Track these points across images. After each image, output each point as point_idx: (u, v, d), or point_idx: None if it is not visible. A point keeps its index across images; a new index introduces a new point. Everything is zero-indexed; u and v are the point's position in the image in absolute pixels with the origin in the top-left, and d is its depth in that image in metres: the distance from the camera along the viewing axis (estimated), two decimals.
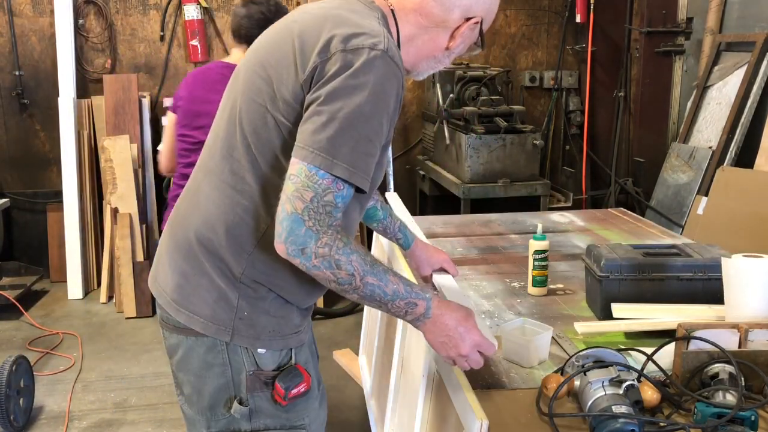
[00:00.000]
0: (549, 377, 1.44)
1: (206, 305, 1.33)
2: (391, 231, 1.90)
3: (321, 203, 1.18)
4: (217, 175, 1.33)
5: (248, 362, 1.35)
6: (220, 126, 1.37)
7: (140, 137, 4.70)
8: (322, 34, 1.23)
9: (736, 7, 3.96)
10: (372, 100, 1.19)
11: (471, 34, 1.40)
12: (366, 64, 1.19)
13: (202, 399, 1.40)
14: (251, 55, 1.36)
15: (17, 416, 2.92)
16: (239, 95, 1.32)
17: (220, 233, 1.31)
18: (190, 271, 1.34)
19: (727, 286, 1.61)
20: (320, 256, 1.18)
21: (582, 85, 5.25)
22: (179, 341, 1.39)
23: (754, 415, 1.28)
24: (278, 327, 1.36)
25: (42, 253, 4.87)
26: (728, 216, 3.46)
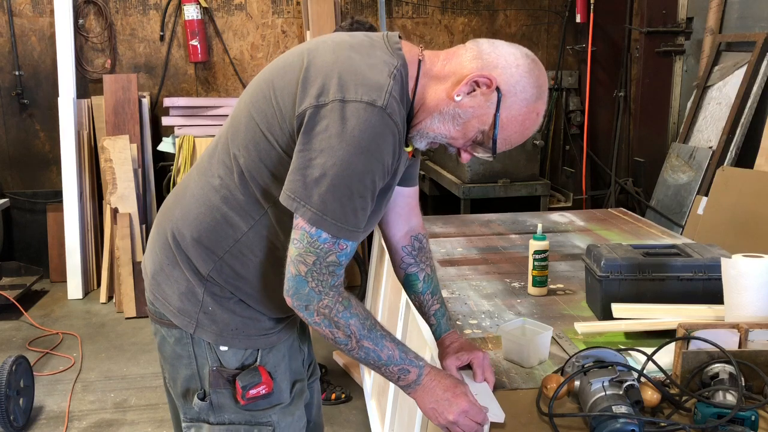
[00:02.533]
0: (549, 377, 1.43)
1: (175, 295, 1.38)
2: (427, 311, 1.61)
3: (324, 265, 1.22)
4: (207, 177, 1.35)
5: (211, 358, 1.39)
6: (223, 130, 1.39)
7: (140, 137, 4.69)
8: (327, 76, 1.21)
9: (736, 7, 3.96)
10: (364, 157, 1.18)
11: (484, 103, 1.25)
12: (360, 119, 1.17)
13: (176, 387, 1.45)
14: (266, 69, 1.36)
15: (17, 416, 2.92)
16: (244, 107, 1.33)
17: (194, 232, 1.34)
18: (165, 261, 1.39)
19: (727, 286, 1.61)
20: (321, 315, 1.24)
21: (582, 85, 5.25)
22: (156, 330, 1.45)
23: (754, 415, 1.28)
24: (243, 326, 1.38)
25: (42, 253, 4.87)
26: (728, 216, 3.46)
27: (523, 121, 1.28)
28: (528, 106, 1.27)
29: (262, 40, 5.01)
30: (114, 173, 4.52)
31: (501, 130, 1.27)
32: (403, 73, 1.27)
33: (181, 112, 4.62)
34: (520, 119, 1.27)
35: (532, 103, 1.27)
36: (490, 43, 1.31)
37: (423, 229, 1.63)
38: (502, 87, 1.25)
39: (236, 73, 4.99)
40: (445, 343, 1.57)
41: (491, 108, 1.25)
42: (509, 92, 1.25)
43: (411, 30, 5.15)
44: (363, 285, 4.08)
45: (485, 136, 1.28)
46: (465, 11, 5.19)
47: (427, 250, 1.63)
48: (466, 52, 1.30)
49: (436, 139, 1.32)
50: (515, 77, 1.26)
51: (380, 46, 1.29)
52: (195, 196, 1.36)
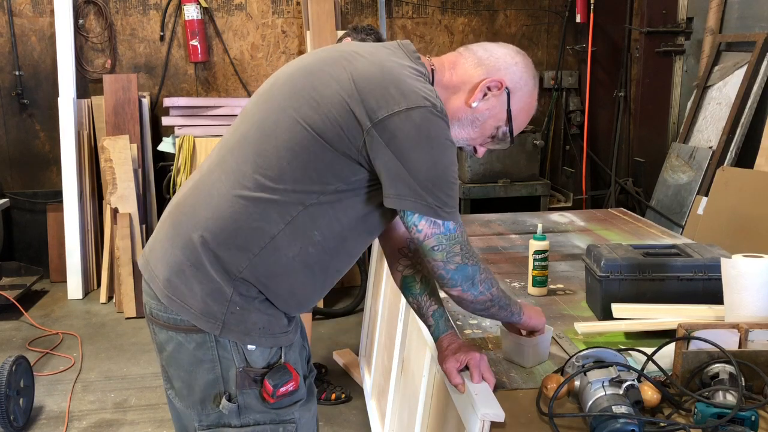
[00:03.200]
0: (549, 377, 1.44)
1: (198, 297, 1.35)
2: (425, 312, 1.62)
3: (466, 244, 1.37)
4: (237, 179, 1.34)
5: (238, 358, 1.37)
6: (249, 129, 1.37)
7: (140, 137, 4.70)
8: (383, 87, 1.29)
9: (736, 7, 3.96)
10: (448, 151, 1.32)
11: (497, 102, 1.42)
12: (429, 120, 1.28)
13: (192, 393, 1.42)
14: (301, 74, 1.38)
15: (17, 416, 2.92)
16: (280, 110, 1.34)
17: (228, 233, 1.33)
18: (186, 262, 1.35)
19: (727, 286, 1.61)
20: (483, 281, 1.40)
21: (582, 85, 5.25)
22: (169, 337, 1.40)
23: (754, 415, 1.28)
24: (269, 324, 1.38)
25: (42, 253, 4.87)
26: (728, 216, 3.46)
27: (529, 109, 1.47)
28: (530, 95, 1.46)
29: (262, 40, 5.01)
30: (114, 173, 4.52)
31: (514, 121, 1.44)
32: (429, 80, 1.40)
33: (181, 112, 4.62)
34: (527, 108, 1.46)
35: (532, 91, 1.46)
36: (482, 48, 1.46)
37: None
38: (509, 85, 1.41)
39: (236, 73, 4.99)
40: (443, 344, 1.56)
41: (503, 105, 1.42)
42: (516, 88, 1.42)
43: (411, 30, 5.15)
44: (363, 285, 4.08)
45: (500, 131, 1.45)
46: (465, 11, 5.19)
47: None
48: (467, 61, 1.44)
49: (457, 144, 1.44)
50: (517, 74, 1.42)
51: (402, 55, 1.40)
52: (224, 197, 1.34)
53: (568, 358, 1.49)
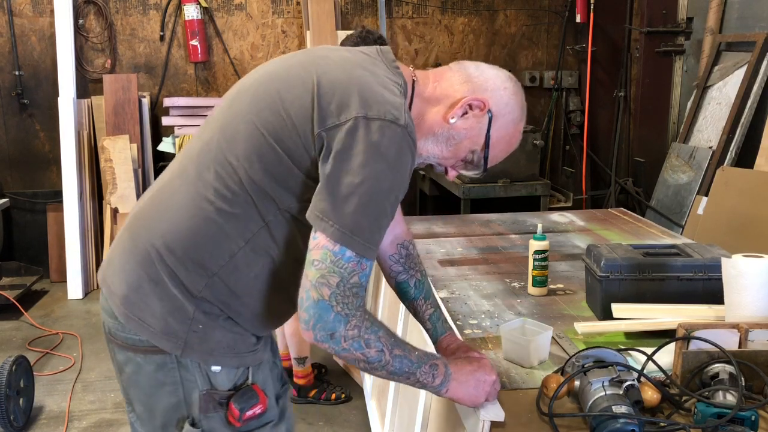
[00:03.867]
0: (549, 377, 1.43)
1: (158, 315, 1.26)
2: (422, 316, 1.60)
3: (347, 286, 1.17)
4: (197, 189, 1.26)
5: (201, 381, 1.29)
6: (212, 137, 1.29)
7: (140, 137, 4.70)
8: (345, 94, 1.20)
9: (736, 7, 3.96)
10: (391, 175, 1.18)
11: (476, 124, 1.31)
12: (387, 137, 1.17)
13: (153, 418, 1.34)
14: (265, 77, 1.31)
15: (17, 416, 2.92)
16: (241, 116, 1.27)
17: (186, 247, 1.25)
18: (144, 277, 1.27)
19: (727, 286, 1.61)
20: (350, 339, 1.18)
21: (582, 85, 5.25)
22: (127, 358, 1.32)
23: (754, 415, 1.28)
24: (234, 343, 1.30)
25: (42, 253, 4.87)
26: (728, 216, 3.46)
27: (510, 140, 1.36)
28: (515, 125, 1.35)
29: (262, 40, 5.01)
30: (114, 173, 4.52)
31: (491, 149, 1.33)
32: (405, 90, 1.29)
33: (181, 112, 4.62)
34: (507, 138, 1.35)
35: (518, 122, 1.35)
36: (475, 66, 1.36)
37: (408, 235, 1.62)
38: (492, 109, 1.31)
39: (236, 73, 4.99)
40: (442, 345, 1.55)
41: (483, 129, 1.31)
42: (499, 113, 1.32)
43: (411, 30, 5.15)
44: None
45: (475, 155, 1.34)
46: (465, 11, 5.19)
47: (414, 256, 1.62)
48: (455, 75, 1.34)
49: (428, 160, 1.36)
50: (504, 99, 1.32)
51: (380, 63, 1.30)
52: (184, 208, 1.26)
53: (568, 358, 1.49)
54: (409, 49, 5.17)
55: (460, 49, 5.23)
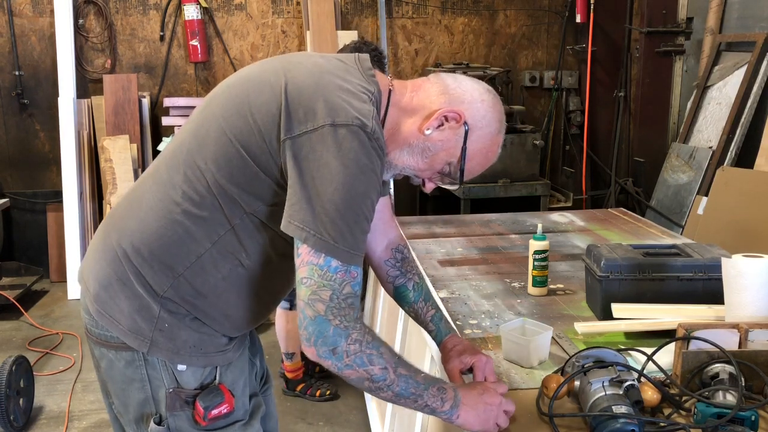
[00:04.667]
0: (549, 377, 1.43)
1: (125, 312, 1.29)
2: (423, 318, 1.59)
3: (341, 298, 1.16)
4: (166, 189, 1.28)
5: (167, 379, 1.31)
6: (185, 139, 1.30)
7: (140, 137, 4.70)
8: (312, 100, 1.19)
9: (736, 7, 3.96)
10: (364, 178, 1.17)
11: (452, 136, 1.29)
12: (354, 142, 1.16)
13: (128, 412, 1.37)
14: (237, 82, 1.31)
15: (17, 416, 2.92)
16: (212, 119, 1.27)
17: (152, 247, 1.27)
18: (113, 275, 1.30)
19: (727, 286, 1.61)
20: (352, 354, 1.17)
21: (582, 85, 5.25)
22: (101, 354, 1.35)
23: (754, 415, 1.28)
24: (200, 343, 1.31)
25: (42, 253, 4.87)
26: (728, 216, 3.46)
27: (487, 153, 1.34)
28: (491, 139, 1.33)
29: (262, 40, 5.01)
30: (114, 173, 4.52)
31: (467, 162, 1.31)
32: (378, 100, 1.28)
33: (181, 112, 4.62)
34: (484, 151, 1.33)
35: (495, 135, 1.33)
36: (453, 78, 1.35)
37: (402, 240, 1.62)
38: (469, 121, 1.29)
39: None
40: (447, 346, 1.54)
41: (459, 141, 1.30)
42: (475, 126, 1.30)
43: (411, 30, 5.15)
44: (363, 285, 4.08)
45: (452, 168, 1.33)
46: (465, 11, 5.19)
47: (410, 260, 1.61)
48: (432, 86, 1.33)
49: (403, 171, 1.34)
50: (481, 112, 1.31)
51: (354, 71, 1.29)
52: (153, 209, 1.28)
53: (568, 358, 1.49)
54: (409, 49, 5.17)
55: (460, 49, 5.23)
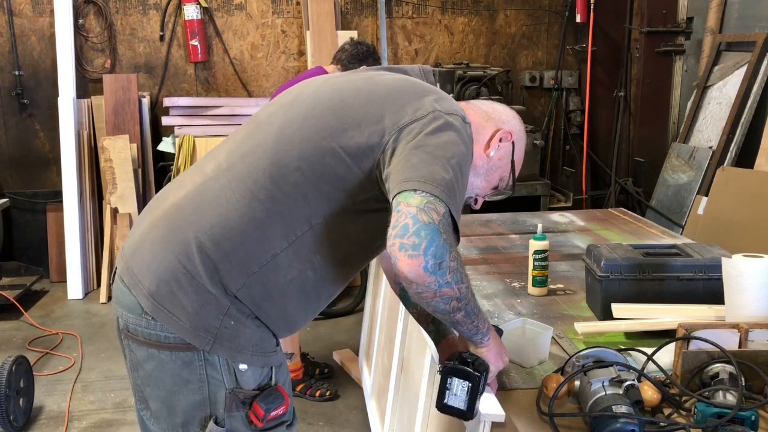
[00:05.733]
0: (549, 377, 1.44)
1: (189, 309, 1.26)
2: (424, 319, 1.63)
3: (449, 220, 1.18)
4: (249, 186, 1.29)
5: (228, 379, 1.30)
6: (266, 138, 1.34)
7: (140, 137, 4.70)
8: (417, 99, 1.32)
9: (736, 7, 3.96)
10: (467, 156, 1.29)
11: (505, 153, 1.47)
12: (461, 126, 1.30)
13: (174, 415, 1.34)
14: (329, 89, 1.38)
15: (17, 416, 2.91)
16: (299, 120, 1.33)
17: (233, 243, 1.27)
18: (181, 269, 1.27)
19: (727, 286, 1.61)
20: (452, 271, 1.17)
21: (582, 85, 5.25)
22: (149, 355, 1.31)
23: (754, 415, 1.28)
24: (261, 342, 1.32)
25: (42, 253, 4.87)
26: (728, 216, 3.45)
27: (522, 160, 1.53)
28: (526, 145, 1.55)
29: (262, 40, 5.01)
30: (114, 173, 4.52)
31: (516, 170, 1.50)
32: None
33: (181, 111, 4.62)
34: (522, 159, 1.53)
35: (525, 141, 1.55)
36: (482, 103, 1.53)
37: None
38: (514, 137, 1.49)
39: (236, 73, 4.99)
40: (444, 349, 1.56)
41: (509, 156, 1.49)
42: (517, 139, 1.50)
43: (411, 30, 5.15)
44: (363, 285, 4.08)
45: (503, 181, 1.50)
46: (465, 11, 5.19)
47: None
48: (475, 113, 1.47)
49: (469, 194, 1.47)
50: (518, 126, 1.51)
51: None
52: (234, 205, 1.28)
53: (568, 358, 1.49)
54: (409, 49, 5.17)
55: (460, 48, 5.23)
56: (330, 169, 1.27)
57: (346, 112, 1.30)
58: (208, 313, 1.27)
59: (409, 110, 1.29)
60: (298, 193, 1.27)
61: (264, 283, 1.28)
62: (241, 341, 1.29)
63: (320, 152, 1.28)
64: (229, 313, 1.27)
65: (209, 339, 1.27)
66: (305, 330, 3.86)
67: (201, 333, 1.27)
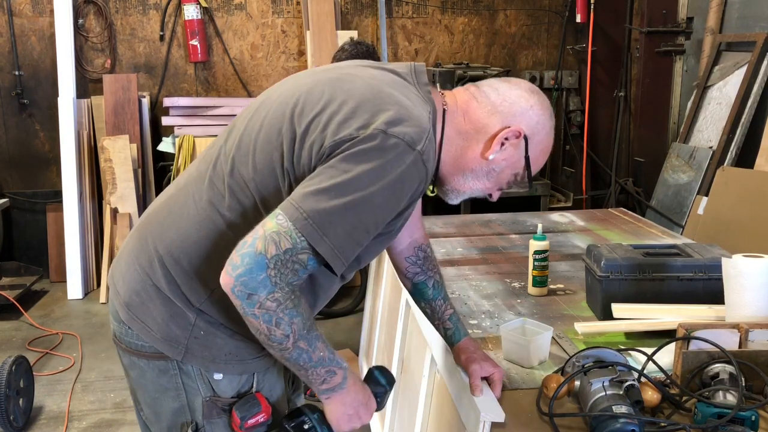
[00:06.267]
0: (549, 377, 1.43)
1: (159, 319, 1.26)
2: (440, 317, 1.58)
3: (293, 259, 1.11)
4: (209, 198, 1.25)
5: (204, 388, 1.30)
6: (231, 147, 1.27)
7: (140, 137, 4.70)
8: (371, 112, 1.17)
9: (736, 7, 3.96)
10: (388, 194, 1.15)
11: (514, 151, 1.29)
12: (397, 158, 1.14)
13: (160, 420, 1.35)
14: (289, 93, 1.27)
15: (17, 416, 2.91)
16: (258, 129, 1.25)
17: (192, 260, 1.24)
18: (148, 281, 1.27)
19: (727, 286, 1.61)
20: (264, 309, 1.11)
21: (582, 85, 5.25)
22: (132, 362, 1.33)
23: (754, 415, 1.28)
24: (237, 350, 1.28)
25: (42, 253, 4.87)
26: (728, 216, 3.45)
27: (546, 149, 1.35)
28: (549, 135, 1.34)
29: (262, 40, 5.01)
30: (114, 173, 4.52)
31: (532, 165, 1.32)
32: (434, 120, 1.26)
33: (181, 112, 4.62)
34: (545, 149, 1.35)
35: (550, 131, 1.34)
36: (493, 89, 1.32)
37: (426, 240, 1.62)
38: (526, 132, 1.29)
39: (236, 73, 4.99)
40: (469, 347, 1.53)
41: (521, 153, 1.30)
42: (533, 133, 1.30)
43: (411, 30, 5.15)
44: (363, 285, 4.08)
45: (518, 177, 1.34)
46: (465, 11, 5.19)
47: (432, 259, 1.62)
48: (480, 106, 1.30)
49: (472, 195, 1.37)
50: (534, 118, 1.30)
51: (411, 86, 1.28)
52: (195, 218, 1.25)
53: (568, 358, 1.49)
54: (409, 49, 5.17)
55: (460, 49, 5.23)
56: (277, 183, 1.20)
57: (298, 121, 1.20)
58: (176, 324, 1.26)
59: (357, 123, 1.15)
60: (255, 204, 1.21)
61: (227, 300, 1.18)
62: (213, 351, 1.27)
63: (271, 163, 1.20)
64: (197, 324, 1.25)
65: (180, 349, 1.26)
66: None
67: (172, 343, 1.26)
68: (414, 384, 1.93)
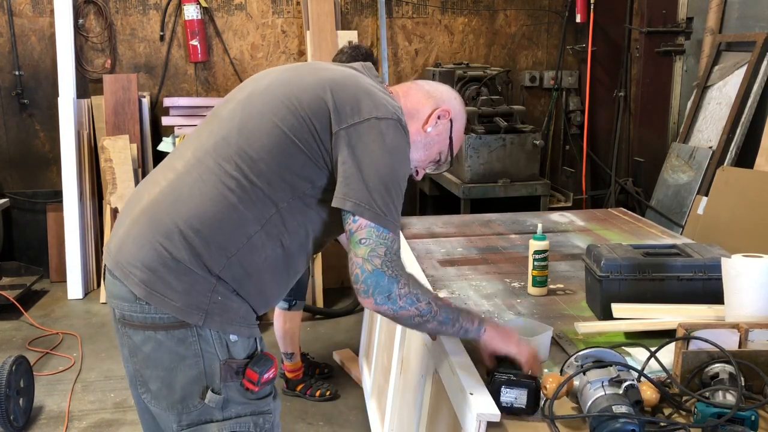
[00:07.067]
0: (549, 377, 1.44)
1: (180, 289, 1.38)
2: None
3: (392, 252, 1.38)
4: (219, 178, 1.42)
5: (221, 351, 1.42)
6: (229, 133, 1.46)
7: (140, 137, 4.70)
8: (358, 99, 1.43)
9: (736, 7, 3.96)
10: (403, 162, 1.45)
11: (443, 129, 1.59)
12: (395, 132, 1.43)
13: (172, 393, 1.43)
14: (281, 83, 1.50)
15: (17, 416, 2.92)
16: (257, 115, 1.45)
17: (211, 229, 1.39)
18: (167, 256, 1.38)
19: (727, 286, 1.61)
20: (404, 296, 1.38)
21: (582, 85, 5.25)
22: (146, 338, 1.42)
23: (754, 415, 1.28)
24: (246, 314, 1.45)
25: (42, 253, 4.87)
26: (728, 216, 3.45)
27: (461, 136, 1.67)
28: (463, 128, 1.67)
29: (262, 40, 5.01)
30: (114, 173, 4.52)
31: (454, 146, 1.63)
32: None
33: (181, 112, 4.62)
34: (460, 138, 1.66)
35: (464, 124, 1.67)
36: (427, 83, 1.66)
37: None
38: (452, 115, 1.61)
39: (236, 73, 4.99)
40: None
41: (447, 132, 1.61)
42: (456, 118, 1.62)
43: (411, 30, 5.15)
44: None
45: (442, 155, 1.63)
46: (465, 11, 5.19)
47: None
48: (418, 92, 1.62)
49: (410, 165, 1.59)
50: (457, 107, 1.63)
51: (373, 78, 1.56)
52: (208, 195, 1.41)
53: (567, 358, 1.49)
54: (409, 49, 5.17)
55: (460, 48, 5.23)
56: (289, 158, 1.41)
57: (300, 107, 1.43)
58: (197, 291, 1.39)
59: (349, 110, 1.41)
60: (264, 181, 1.41)
61: (242, 263, 1.41)
62: (230, 314, 1.42)
63: (279, 143, 1.41)
64: (216, 290, 1.40)
65: (201, 314, 1.39)
66: (305, 330, 3.86)
67: (193, 310, 1.38)
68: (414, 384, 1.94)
